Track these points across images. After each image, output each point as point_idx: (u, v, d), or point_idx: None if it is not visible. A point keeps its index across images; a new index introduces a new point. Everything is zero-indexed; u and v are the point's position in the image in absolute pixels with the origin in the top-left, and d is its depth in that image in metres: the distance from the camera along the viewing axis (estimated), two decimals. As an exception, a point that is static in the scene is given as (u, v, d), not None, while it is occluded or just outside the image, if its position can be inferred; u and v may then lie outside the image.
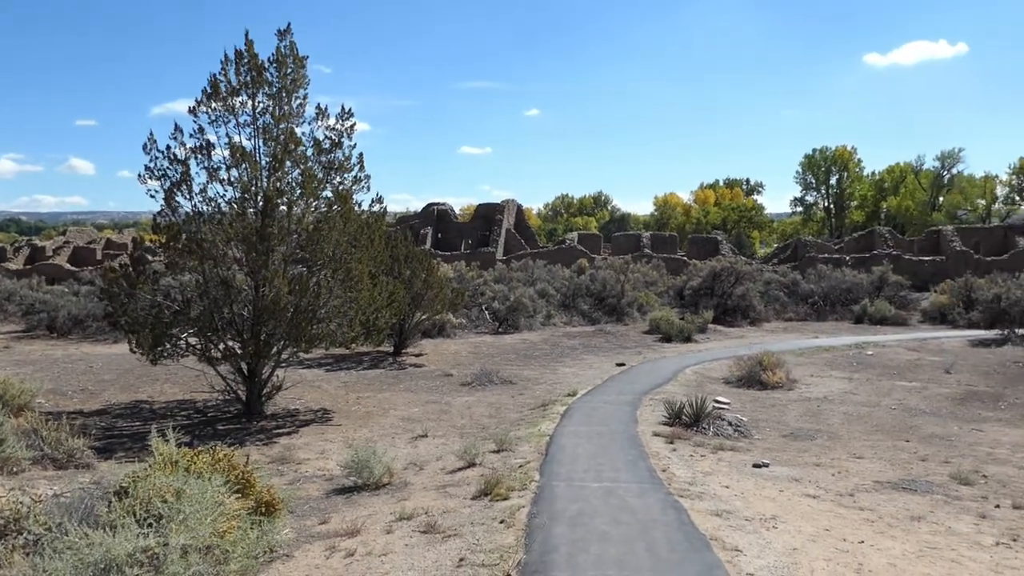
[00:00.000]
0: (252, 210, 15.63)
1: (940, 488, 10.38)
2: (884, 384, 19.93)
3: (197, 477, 6.73)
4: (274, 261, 15.63)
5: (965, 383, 20.02)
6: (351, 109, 16.52)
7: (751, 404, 16.97)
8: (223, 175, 15.47)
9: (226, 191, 15.55)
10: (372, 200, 17.52)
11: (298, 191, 15.90)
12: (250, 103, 15.65)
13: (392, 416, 16.39)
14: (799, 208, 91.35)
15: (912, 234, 62.87)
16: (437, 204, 61.81)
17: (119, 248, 55.48)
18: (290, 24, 15.81)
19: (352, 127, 16.53)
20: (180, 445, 7.64)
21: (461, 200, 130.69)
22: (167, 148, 15.34)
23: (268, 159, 15.79)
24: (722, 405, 15.83)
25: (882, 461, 12.08)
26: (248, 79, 15.57)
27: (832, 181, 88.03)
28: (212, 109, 15.52)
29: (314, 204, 16.25)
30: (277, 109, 15.78)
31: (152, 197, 15.53)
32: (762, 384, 19.07)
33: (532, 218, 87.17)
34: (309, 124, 16.29)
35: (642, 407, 15.87)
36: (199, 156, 15.44)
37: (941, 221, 67.46)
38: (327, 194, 16.41)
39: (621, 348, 27.22)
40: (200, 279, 15.75)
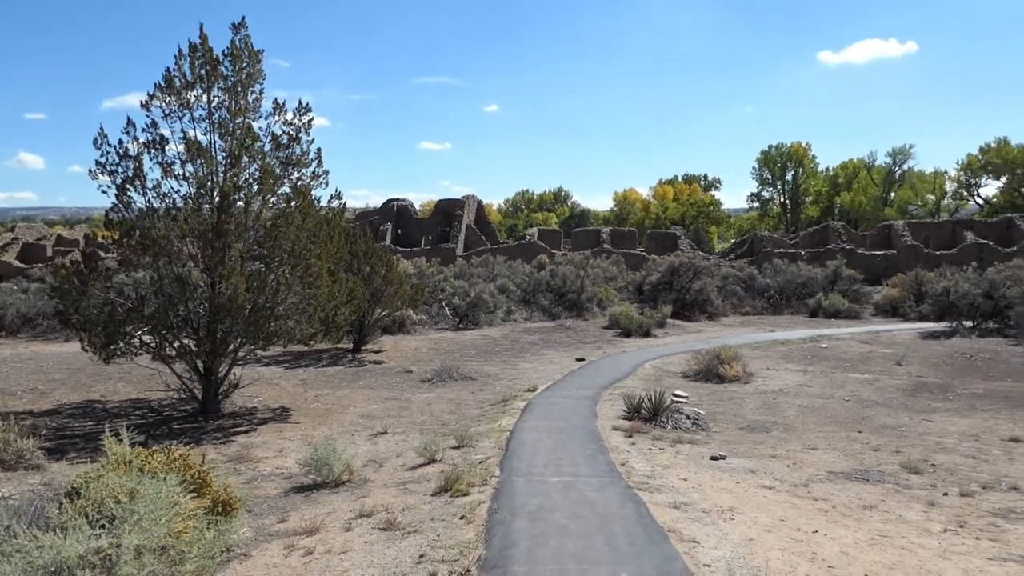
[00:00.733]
0: (208, 206, 15.40)
1: (891, 477, 10.65)
2: (838, 376, 20.34)
3: (152, 477, 6.62)
4: (231, 257, 15.41)
5: (915, 375, 20.53)
6: (309, 104, 16.45)
7: (709, 397, 17.19)
8: (178, 170, 15.23)
9: (181, 186, 15.31)
10: (331, 196, 17.66)
11: (256, 187, 15.72)
12: (205, 97, 15.43)
13: (352, 413, 16.30)
14: (755, 203, 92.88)
15: (865, 229, 64.16)
16: (397, 200, 61.42)
17: (70, 244, 54.18)
18: (244, 18, 15.64)
19: (310, 122, 16.40)
20: (134, 445, 7.52)
21: (421, 196, 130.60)
22: (119, 143, 15.06)
23: (224, 154, 15.59)
24: (680, 399, 16.01)
25: (835, 452, 12.34)
26: (203, 73, 15.34)
27: (787, 177, 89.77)
28: (167, 103, 15.28)
29: (272, 200, 16.08)
30: (233, 103, 15.57)
31: (104, 192, 15.26)
32: (719, 377, 19.33)
33: (492, 214, 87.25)
34: (266, 119, 16.15)
35: (601, 402, 15.99)
36: (152, 151, 15.16)
37: (893, 216, 69.03)
38: (285, 190, 16.24)
39: (581, 343, 27.37)
40: (155, 276, 15.46)
